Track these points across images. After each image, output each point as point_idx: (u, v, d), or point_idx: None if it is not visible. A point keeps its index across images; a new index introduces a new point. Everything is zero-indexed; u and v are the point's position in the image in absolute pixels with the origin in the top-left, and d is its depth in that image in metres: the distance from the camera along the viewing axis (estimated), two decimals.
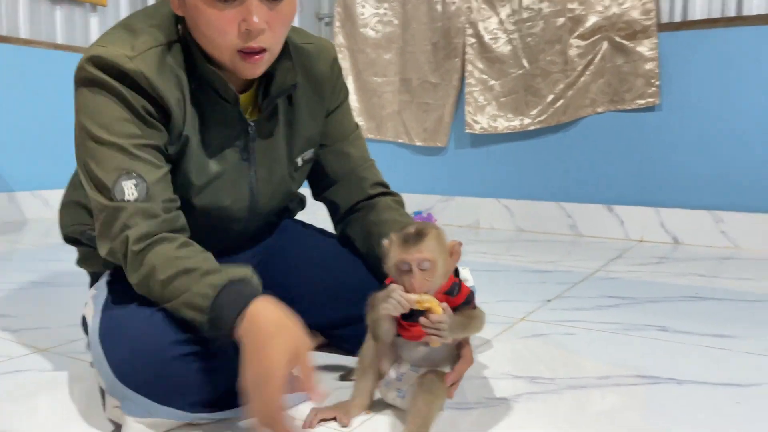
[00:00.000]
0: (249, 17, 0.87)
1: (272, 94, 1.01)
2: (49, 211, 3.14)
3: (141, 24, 0.95)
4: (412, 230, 0.89)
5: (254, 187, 1.06)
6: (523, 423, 0.94)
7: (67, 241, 1.18)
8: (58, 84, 3.17)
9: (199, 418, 0.88)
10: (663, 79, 2.51)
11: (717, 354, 1.24)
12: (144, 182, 0.89)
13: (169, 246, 0.89)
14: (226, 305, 0.82)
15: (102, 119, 0.90)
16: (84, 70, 0.91)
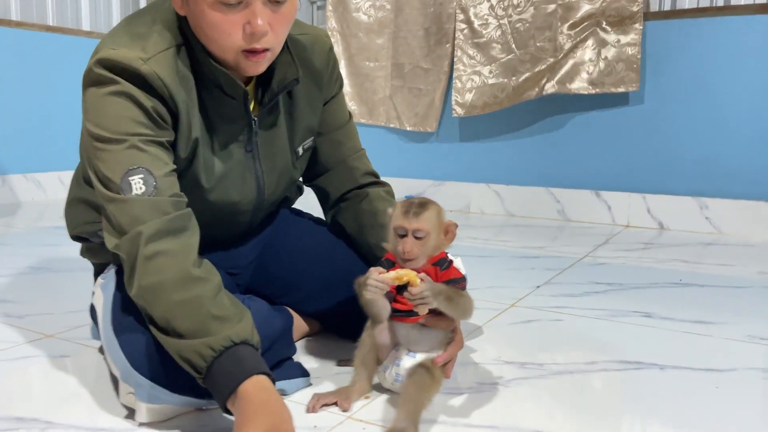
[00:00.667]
0: (253, 20, 0.90)
1: (274, 89, 1.04)
2: (42, 193, 3.15)
3: (146, 27, 0.96)
4: (417, 200, 0.96)
5: (260, 179, 1.10)
6: (512, 407, 0.99)
7: (74, 239, 1.20)
8: (50, 66, 3.16)
9: (209, 404, 0.93)
10: (652, 66, 2.55)
11: (698, 340, 1.30)
12: (152, 176, 0.90)
13: (182, 259, 0.87)
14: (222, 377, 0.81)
15: (110, 118, 0.91)
16: (93, 72, 0.93)
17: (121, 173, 0.89)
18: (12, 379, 1.07)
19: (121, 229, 0.89)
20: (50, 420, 0.92)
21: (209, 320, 0.83)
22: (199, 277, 0.87)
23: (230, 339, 0.83)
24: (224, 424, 0.91)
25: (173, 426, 0.91)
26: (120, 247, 0.89)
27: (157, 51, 0.94)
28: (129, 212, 0.88)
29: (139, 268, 0.86)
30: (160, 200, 0.89)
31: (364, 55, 3.14)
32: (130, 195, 0.88)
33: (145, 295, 0.86)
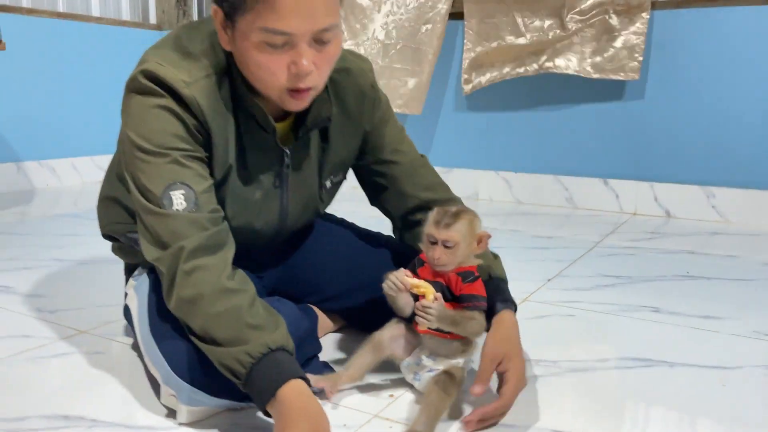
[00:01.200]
0: (299, 60, 0.90)
1: (308, 126, 1.05)
2: (56, 180, 3.20)
3: (194, 47, 0.98)
4: (452, 209, 0.99)
5: (284, 210, 1.12)
6: (529, 406, 1.04)
7: (106, 237, 1.25)
8: (61, 53, 3.18)
9: (244, 404, 0.98)
10: (660, 56, 2.57)
11: (705, 336, 1.35)
12: (193, 192, 0.93)
13: (219, 273, 0.91)
14: (261, 382, 0.86)
15: (155, 131, 0.94)
16: (139, 82, 0.95)
17: (163, 187, 0.92)
18: (53, 376, 1.13)
19: (162, 243, 0.92)
20: (95, 418, 0.98)
21: (246, 329, 0.88)
22: (234, 289, 0.91)
23: (267, 346, 0.88)
24: (258, 422, 0.97)
25: (211, 425, 0.96)
26: (161, 260, 0.92)
27: (200, 77, 0.96)
28: (170, 227, 0.91)
29: (178, 281, 0.90)
30: (199, 216, 0.92)
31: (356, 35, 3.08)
32: (171, 210, 0.92)
33: (184, 308, 0.90)
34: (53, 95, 3.17)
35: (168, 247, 0.91)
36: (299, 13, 0.87)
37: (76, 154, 3.29)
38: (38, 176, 3.12)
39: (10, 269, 1.76)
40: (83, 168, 3.32)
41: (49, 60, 3.13)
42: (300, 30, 0.88)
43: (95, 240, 2.06)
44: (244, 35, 0.90)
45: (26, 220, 2.43)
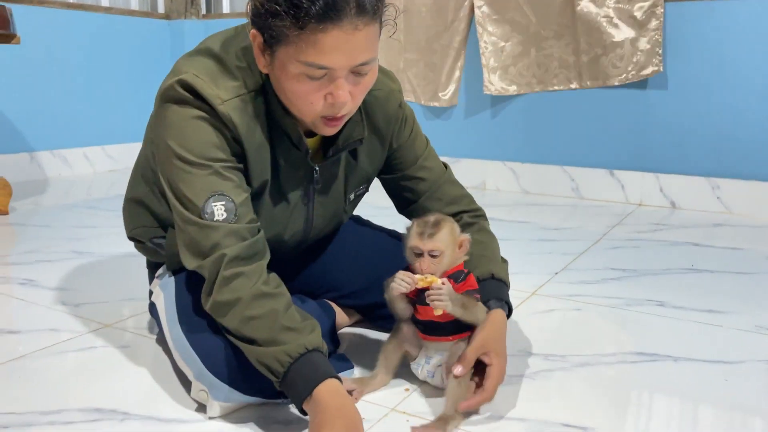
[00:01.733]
0: (336, 92, 0.92)
1: (339, 146, 1.08)
2: (68, 169, 3.24)
3: (230, 62, 0.99)
4: (431, 219, 1.04)
5: (309, 222, 1.16)
6: (539, 400, 1.09)
7: (131, 240, 1.28)
8: (71, 43, 3.21)
9: (271, 400, 1.03)
10: (667, 48, 2.59)
11: (709, 331, 1.39)
12: (233, 203, 0.96)
13: (256, 279, 0.95)
14: (298, 380, 0.91)
15: (194, 140, 0.96)
16: (176, 91, 0.97)
17: (204, 198, 0.95)
18: (83, 369, 1.18)
19: (203, 252, 0.95)
20: (126, 411, 1.03)
21: (283, 331, 0.93)
22: (271, 294, 0.95)
23: (305, 346, 0.92)
24: (285, 416, 1.02)
25: (239, 419, 1.01)
26: (203, 267, 0.96)
27: (236, 94, 0.98)
28: (211, 238, 0.95)
29: (216, 287, 0.94)
30: (239, 227, 0.96)
31: None
32: (213, 221, 0.95)
33: (222, 309, 0.95)
34: (64, 85, 3.20)
35: (207, 257, 0.95)
36: (341, 50, 0.88)
37: (87, 144, 3.34)
38: (51, 166, 3.17)
39: (31, 262, 1.81)
40: (94, 157, 3.36)
41: (59, 50, 3.16)
42: (340, 65, 0.90)
43: (112, 232, 2.11)
44: (283, 65, 0.91)
45: (41, 210, 2.48)
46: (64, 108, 3.21)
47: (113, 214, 2.39)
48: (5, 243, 2.03)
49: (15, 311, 1.46)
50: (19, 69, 3.00)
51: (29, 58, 3.02)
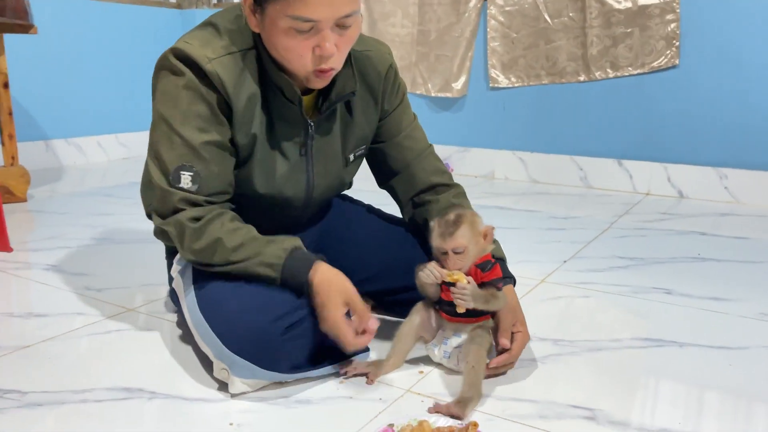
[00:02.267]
0: (323, 44, 1.00)
1: (332, 99, 1.14)
2: (82, 157, 3.29)
3: (222, 26, 1.09)
4: (451, 218, 1.07)
5: (311, 181, 1.21)
6: (548, 383, 1.13)
7: (149, 216, 1.34)
8: (87, 32, 3.24)
9: (291, 377, 1.08)
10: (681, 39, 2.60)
11: (714, 318, 1.43)
12: (199, 175, 1.06)
13: (224, 220, 1.07)
14: (296, 267, 1.06)
15: (178, 107, 1.05)
16: (168, 60, 1.06)
17: (176, 165, 1.06)
18: (109, 351, 1.23)
19: (165, 213, 1.08)
20: (154, 390, 1.08)
21: (264, 245, 1.07)
22: (242, 226, 1.08)
23: (286, 249, 1.06)
24: (308, 395, 1.06)
25: (261, 398, 1.06)
26: (168, 224, 1.08)
27: (224, 53, 1.06)
28: (172, 201, 1.06)
29: (188, 239, 1.06)
30: (198, 198, 1.07)
31: (389, 21, 3.18)
32: (176, 187, 1.06)
33: (207, 252, 1.06)
34: (78, 74, 3.24)
35: (169, 218, 1.07)
36: (324, 2, 0.96)
37: (101, 132, 3.38)
38: (65, 154, 3.22)
39: (53, 248, 1.86)
40: (108, 145, 3.41)
41: (73, 40, 3.20)
42: (325, 17, 0.98)
43: (129, 219, 2.16)
44: (273, 21, 1.00)
45: (57, 197, 2.53)
46: (78, 96, 3.26)
47: (130, 201, 2.44)
48: (25, 229, 2.08)
49: (41, 296, 1.51)
50: (35, 59, 3.04)
51: (45, 48, 3.06)
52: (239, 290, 1.07)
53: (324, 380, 1.12)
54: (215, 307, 1.08)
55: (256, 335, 1.02)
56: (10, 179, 2.40)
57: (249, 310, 1.04)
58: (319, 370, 1.11)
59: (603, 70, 2.75)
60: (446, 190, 1.29)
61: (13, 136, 2.44)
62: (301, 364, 1.09)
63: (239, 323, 1.04)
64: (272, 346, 1.03)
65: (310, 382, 1.11)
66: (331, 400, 1.06)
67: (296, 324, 1.06)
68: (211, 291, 1.10)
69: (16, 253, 1.81)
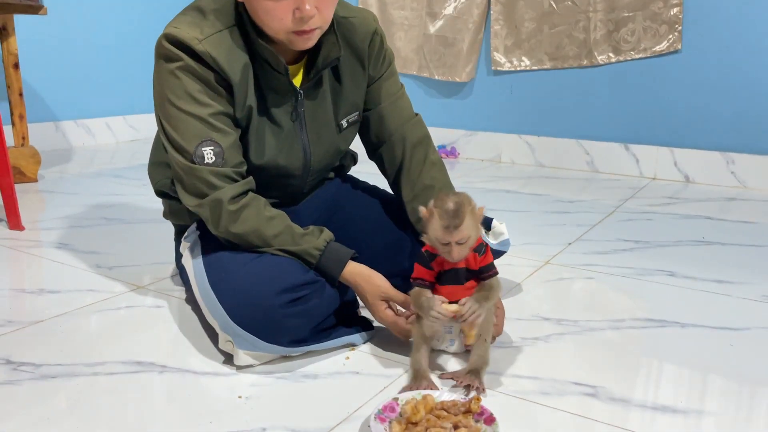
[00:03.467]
0: (302, 6, 1.04)
1: (318, 66, 1.18)
2: (91, 138, 3.31)
3: (209, 5, 1.13)
4: (451, 206, 1.00)
5: (306, 148, 1.24)
6: (551, 360, 1.15)
7: (158, 194, 1.37)
8: (96, 15, 3.25)
9: (294, 351, 1.11)
10: (684, 23, 2.59)
11: (717, 299, 1.44)
12: (220, 147, 1.10)
13: (260, 207, 1.12)
14: (330, 263, 1.13)
15: (181, 91, 1.09)
16: (162, 46, 1.10)
17: (195, 144, 1.09)
18: (121, 326, 1.25)
19: (201, 192, 1.10)
20: (165, 364, 1.10)
21: (300, 237, 1.13)
22: (277, 215, 1.14)
23: (323, 244, 1.14)
24: (307, 371, 1.09)
25: (268, 371, 1.08)
26: (201, 206, 1.11)
27: (212, 32, 1.10)
28: (205, 179, 1.09)
29: (226, 220, 1.10)
30: (227, 170, 1.10)
31: (397, 4, 3.18)
32: (203, 164, 1.09)
33: (240, 237, 1.11)
34: (87, 56, 3.26)
35: (205, 196, 1.10)
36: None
37: (109, 114, 3.40)
38: (75, 135, 3.24)
39: (64, 227, 1.89)
40: (116, 127, 3.43)
41: (83, 22, 3.21)
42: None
43: (138, 199, 2.19)
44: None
45: (68, 178, 2.55)
46: (87, 78, 3.27)
47: (139, 182, 2.46)
48: (37, 209, 2.11)
49: (54, 273, 1.54)
50: (44, 40, 3.05)
51: (54, 30, 3.07)
52: (249, 263, 1.10)
53: (331, 355, 1.14)
54: (223, 279, 1.10)
55: (257, 306, 1.05)
56: (21, 159, 2.43)
57: (254, 283, 1.07)
58: (324, 344, 1.14)
59: (605, 55, 2.75)
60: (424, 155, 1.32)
61: (23, 117, 2.47)
62: (305, 338, 1.11)
63: (243, 294, 1.06)
64: (273, 318, 1.05)
65: (317, 356, 1.13)
66: (337, 375, 1.08)
67: (301, 299, 1.08)
68: (220, 263, 1.13)
69: (27, 232, 1.84)
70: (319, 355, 1.14)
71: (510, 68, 2.95)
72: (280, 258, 1.11)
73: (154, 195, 1.39)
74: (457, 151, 3.19)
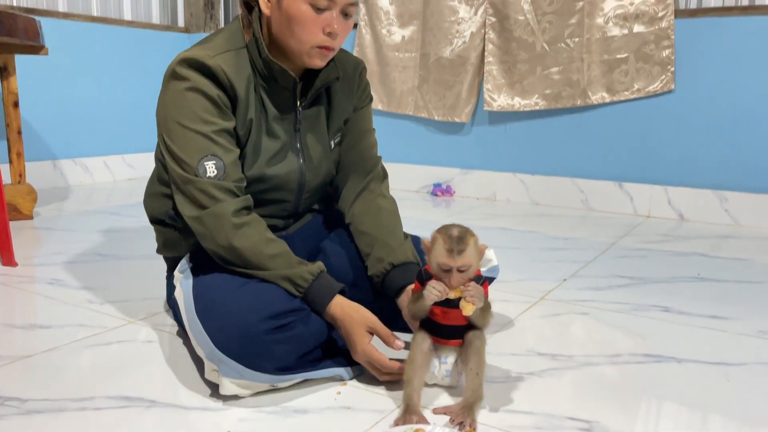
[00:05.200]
0: (332, 24, 1.16)
1: (317, 85, 1.27)
2: (89, 177, 3.33)
3: (214, 36, 1.23)
4: (455, 233, 1.03)
5: (302, 163, 1.30)
6: (546, 396, 1.14)
7: (153, 222, 1.39)
8: (94, 55, 3.31)
9: (280, 380, 1.09)
10: (676, 64, 2.64)
11: (713, 335, 1.43)
12: (222, 162, 1.15)
13: (261, 228, 1.17)
14: (318, 293, 1.14)
15: (187, 110, 1.15)
16: (174, 70, 1.17)
17: (198, 158, 1.14)
18: (111, 361, 1.24)
19: (201, 204, 1.14)
20: (153, 399, 1.08)
21: (296, 263, 1.16)
22: (277, 239, 1.18)
23: (317, 271, 1.16)
24: (304, 405, 1.07)
25: (257, 404, 1.07)
26: (201, 218, 1.14)
27: (221, 51, 1.19)
28: (206, 191, 1.13)
29: (228, 233, 1.13)
30: (229, 184, 1.15)
31: (393, 46, 3.24)
32: (206, 177, 1.13)
33: (240, 253, 1.13)
34: (87, 95, 3.30)
35: (206, 207, 1.14)
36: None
37: (107, 153, 3.42)
38: (73, 173, 3.26)
39: (57, 263, 1.88)
40: (114, 166, 3.45)
41: (83, 62, 3.26)
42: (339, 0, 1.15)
43: (133, 236, 2.18)
44: (292, 1, 1.14)
45: (64, 215, 2.55)
46: (86, 117, 3.31)
47: (135, 219, 2.46)
48: (31, 245, 2.10)
49: (44, 308, 1.53)
50: (45, 79, 3.09)
51: (55, 69, 3.12)
52: (236, 291, 1.10)
53: (321, 389, 1.13)
54: (209, 307, 1.10)
55: (242, 333, 1.04)
56: (17, 197, 2.43)
57: (239, 309, 1.07)
58: (310, 373, 1.13)
59: (599, 95, 2.79)
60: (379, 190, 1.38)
61: (21, 155, 2.48)
62: (291, 366, 1.10)
63: (227, 321, 1.06)
64: (257, 344, 1.04)
65: (307, 390, 1.12)
66: (328, 410, 1.06)
67: (286, 326, 1.08)
68: (208, 292, 1.13)
69: (21, 268, 1.83)
70: (309, 388, 1.12)
71: (504, 108, 2.99)
72: (266, 285, 1.12)
73: (149, 231, 1.39)
74: (452, 189, 3.20)
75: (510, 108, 2.98)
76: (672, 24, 2.60)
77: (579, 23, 2.76)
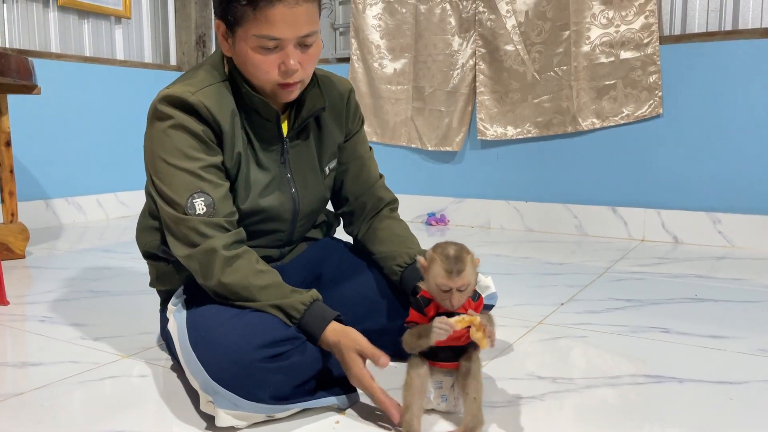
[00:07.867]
0: (287, 61, 1.13)
1: (303, 116, 1.26)
2: (82, 215, 3.32)
3: (197, 70, 1.22)
4: (452, 253, 1.03)
5: (295, 192, 1.29)
6: (547, 420, 1.12)
7: (145, 256, 1.37)
8: (87, 94, 3.33)
9: (276, 410, 1.06)
10: (664, 89, 2.68)
11: (713, 354, 1.42)
12: (211, 198, 1.13)
13: (252, 259, 1.15)
14: (312, 322, 1.12)
15: (172, 148, 1.14)
16: (156, 109, 1.16)
17: (186, 196, 1.12)
18: (104, 397, 1.21)
19: (191, 242, 1.13)
20: None
21: (289, 293, 1.14)
22: (268, 270, 1.16)
23: (309, 300, 1.13)
24: None
25: None
26: (192, 256, 1.13)
27: (202, 86, 1.17)
28: (197, 229, 1.12)
29: (218, 269, 1.11)
30: (219, 220, 1.14)
31: (385, 79, 3.28)
32: (195, 215, 1.12)
33: (231, 288, 1.12)
34: (80, 134, 3.31)
35: (197, 245, 1.12)
36: (286, 22, 1.09)
37: (101, 191, 3.42)
38: (65, 212, 3.25)
39: (49, 301, 1.86)
40: (107, 204, 3.44)
41: (75, 101, 3.28)
42: (287, 36, 1.10)
43: (126, 272, 2.17)
44: (243, 41, 1.12)
45: (56, 254, 2.54)
46: (78, 156, 3.31)
47: (128, 256, 2.45)
48: (23, 284, 2.08)
49: (37, 345, 1.50)
50: (37, 119, 3.10)
51: (47, 109, 3.14)
52: (229, 320, 1.09)
53: (319, 418, 1.10)
54: (203, 337, 1.09)
55: (237, 362, 1.02)
56: (9, 236, 2.42)
57: (233, 339, 1.05)
58: (307, 402, 1.10)
59: (589, 121, 2.82)
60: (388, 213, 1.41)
61: (13, 194, 2.48)
62: (287, 395, 1.07)
63: (222, 351, 1.04)
64: (252, 374, 1.02)
65: (305, 420, 1.09)
66: None
67: (282, 356, 1.06)
68: (202, 323, 1.11)
69: (12, 306, 1.81)
70: (306, 418, 1.10)
71: (497, 137, 3.02)
72: (261, 314, 1.11)
73: (141, 267, 1.38)
74: (446, 218, 3.21)
75: (503, 137, 3.01)
76: (657, 50, 2.64)
77: (566, 52, 2.81)
